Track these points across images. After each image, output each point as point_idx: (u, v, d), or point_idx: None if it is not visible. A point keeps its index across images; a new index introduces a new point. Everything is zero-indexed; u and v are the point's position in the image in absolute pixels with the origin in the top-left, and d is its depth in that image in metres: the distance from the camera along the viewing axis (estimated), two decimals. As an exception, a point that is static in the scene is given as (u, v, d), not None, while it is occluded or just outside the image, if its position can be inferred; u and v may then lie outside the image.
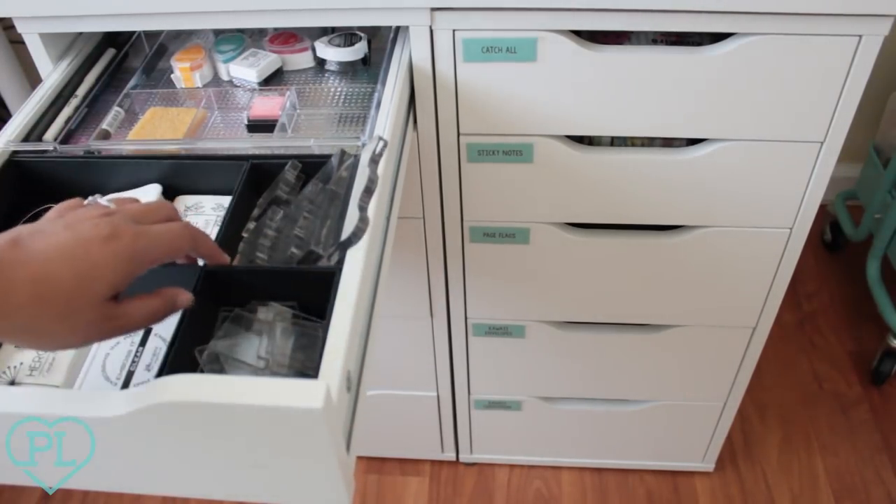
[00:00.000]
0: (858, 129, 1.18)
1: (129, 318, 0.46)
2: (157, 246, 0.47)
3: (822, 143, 0.78)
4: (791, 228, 0.87)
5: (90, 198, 0.51)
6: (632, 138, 0.82)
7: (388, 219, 0.64)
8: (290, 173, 0.65)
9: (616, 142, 0.83)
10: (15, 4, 0.73)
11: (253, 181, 0.65)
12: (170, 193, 0.68)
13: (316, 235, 0.58)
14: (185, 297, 0.50)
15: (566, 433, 1.21)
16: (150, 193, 0.66)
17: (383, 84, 0.72)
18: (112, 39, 0.86)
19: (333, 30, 0.83)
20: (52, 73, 0.78)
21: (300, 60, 0.83)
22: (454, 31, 0.73)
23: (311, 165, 0.65)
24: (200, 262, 0.55)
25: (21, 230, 0.43)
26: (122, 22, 0.75)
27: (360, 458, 1.33)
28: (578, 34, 0.74)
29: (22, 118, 0.70)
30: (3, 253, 0.41)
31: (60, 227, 0.44)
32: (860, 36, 0.70)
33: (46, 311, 0.41)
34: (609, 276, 0.94)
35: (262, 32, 0.86)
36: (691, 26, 0.71)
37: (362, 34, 0.82)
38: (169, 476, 0.48)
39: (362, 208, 0.55)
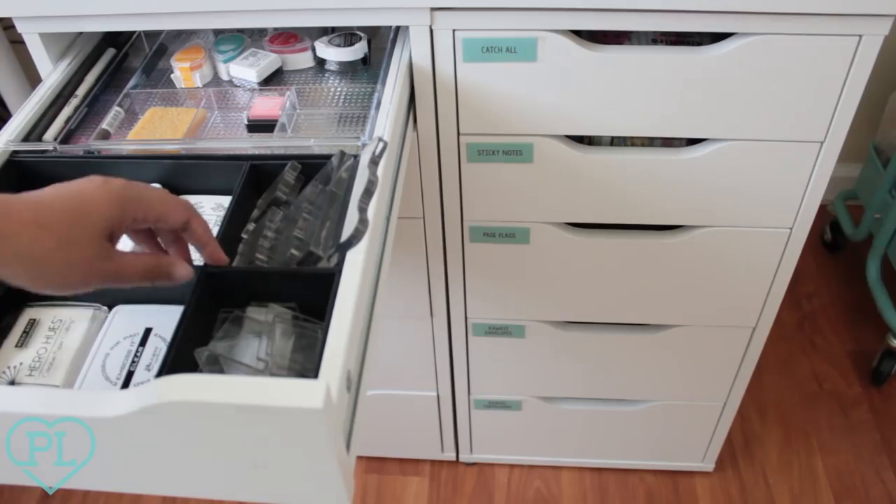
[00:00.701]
0: (858, 129, 1.18)
1: (123, 264, 0.47)
2: (148, 200, 0.49)
3: (822, 143, 0.78)
4: (791, 228, 0.87)
5: None
6: (632, 138, 0.82)
7: (388, 219, 0.64)
8: (289, 174, 0.65)
9: (616, 142, 0.83)
10: (15, 4, 0.73)
11: (252, 181, 0.65)
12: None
13: (315, 237, 0.58)
14: (184, 269, 0.51)
15: (566, 433, 1.21)
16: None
17: (383, 84, 0.72)
18: (112, 39, 0.86)
19: (333, 30, 0.83)
20: (52, 73, 0.78)
21: (300, 60, 0.83)
22: (454, 30, 0.73)
23: (311, 166, 0.65)
24: (199, 263, 0.55)
25: None
26: (122, 22, 0.75)
27: (360, 458, 1.33)
28: (578, 34, 0.74)
29: (22, 118, 0.70)
30: (3, 195, 0.43)
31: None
32: (860, 36, 0.70)
33: (46, 235, 0.43)
34: (609, 275, 0.94)
35: (262, 32, 0.86)
36: (691, 26, 0.71)
37: (362, 34, 0.82)
38: (169, 476, 0.48)
39: (362, 210, 0.55)
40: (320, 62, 0.83)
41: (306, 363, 0.52)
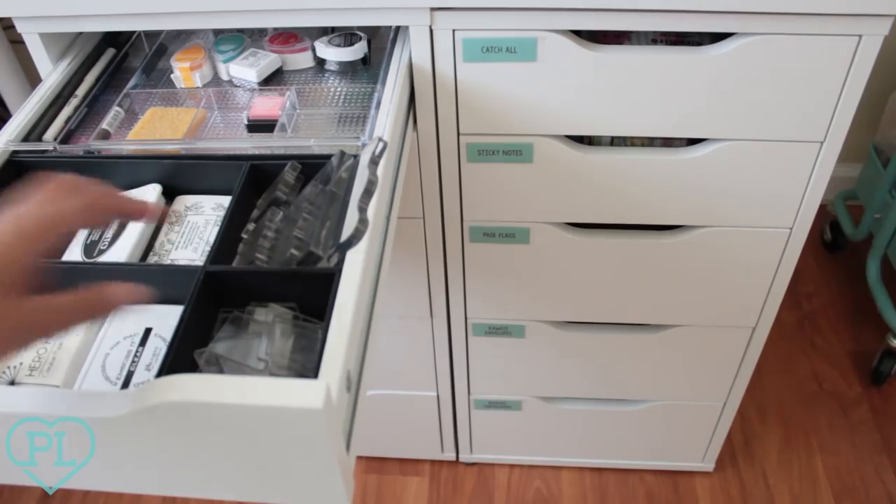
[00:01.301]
0: (858, 129, 1.18)
1: (37, 312, 0.40)
2: (49, 222, 0.42)
3: (822, 143, 0.78)
4: (791, 228, 0.87)
5: None
6: (632, 138, 0.82)
7: (387, 219, 0.64)
8: (289, 174, 0.65)
9: (616, 142, 0.83)
10: (15, 4, 0.73)
11: (252, 181, 0.65)
12: (170, 193, 0.68)
13: (315, 237, 0.58)
14: (120, 290, 0.43)
15: (566, 433, 1.21)
16: (149, 193, 0.66)
17: (383, 84, 0.72)
18: (112, 39, 0.86)
19: (333, 30, 0.84)
20: (52, 73, 0.78)
21: (300, 60, 0.83)
22: (454, 30, 0.73)
23: (311, 166, 0.65)
24: (199, 263, 0.55)
25: None
26: (122, 22, 0.75)
27: (360, 458, 1.33)
28: (578, 34, 0.74)
29: (22, 118, 0.70)
30: None
31: None
32: (860, 36, 0.70)
33: None
34: (609, 276, 0.94)
35: (262, 32, 0.86)
36: (691, 26, 0.71)
37: (362, 34, 0.82)
38: (169, 476, 0.48)
39: (362, 209, 0.55)
40: (320, 62, 0.83)
41: (306, 363, 0.52)
